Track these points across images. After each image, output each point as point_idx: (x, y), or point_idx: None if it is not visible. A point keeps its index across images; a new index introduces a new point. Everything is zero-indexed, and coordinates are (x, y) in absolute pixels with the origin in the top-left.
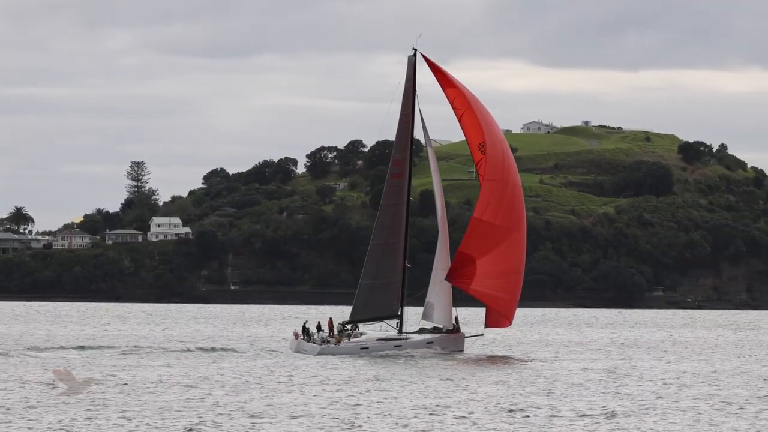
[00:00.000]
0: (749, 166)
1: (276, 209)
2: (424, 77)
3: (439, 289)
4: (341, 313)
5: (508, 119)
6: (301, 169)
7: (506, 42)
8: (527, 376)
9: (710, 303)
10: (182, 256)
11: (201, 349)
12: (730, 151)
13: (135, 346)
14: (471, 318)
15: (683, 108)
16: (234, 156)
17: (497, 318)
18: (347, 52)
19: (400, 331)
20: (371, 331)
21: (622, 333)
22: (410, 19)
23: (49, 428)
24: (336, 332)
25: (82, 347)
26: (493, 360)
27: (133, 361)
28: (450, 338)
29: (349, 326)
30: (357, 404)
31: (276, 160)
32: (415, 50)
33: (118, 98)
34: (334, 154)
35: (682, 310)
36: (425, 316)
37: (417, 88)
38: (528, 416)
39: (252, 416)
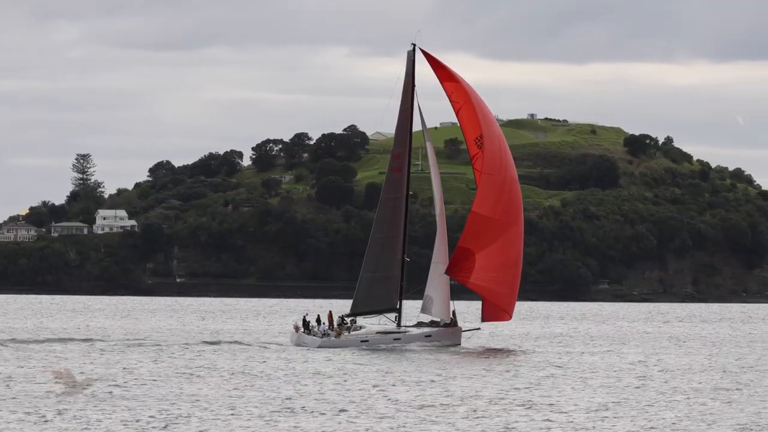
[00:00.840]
0: (695, 158)
1: (221, 202)
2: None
3: (437, 283)
4: (329, 306)
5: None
6: (246, 161)
7: (454, 35)
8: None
9: (656, 296)
10: (128, 248)
11: (205, 342)
12: (676, 144)
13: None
14: (469, 312)
15: (630, 101)
16: (180, 149)
17: (496, 312)
18: (294, 45)
19: (399, 325)
20: (370, 324)
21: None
22: (357, 11)
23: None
24: (335, 325)
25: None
26: (489, 353)
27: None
28: (447, 332)
29: (348, 319)
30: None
31: (222, 152)
32: (414, 45)
33: (64, 91)
34: (280, 146)
35: (629, 303)
36: (424, 310)
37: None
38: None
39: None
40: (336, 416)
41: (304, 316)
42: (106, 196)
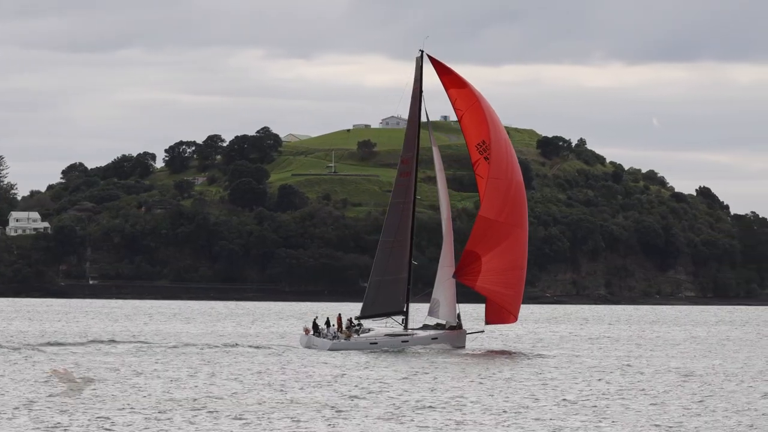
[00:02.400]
0: (608, 160)
1: (135, 204)
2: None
3: (444, 286)
4: (338, 309)
5: (368, 114)
6: (159, 163)
7: (369, 37)
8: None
9: (569, 298)
10: (41, 250)
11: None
12: (589, 146)
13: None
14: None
15: (543, 103)
16: (93, 151)
17: (501, 314)
18: (209, 47)
19: (406, 327)
20: (378, 326)
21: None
22: (273, 13)
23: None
24: (344, 328)
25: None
26: (495, 354)
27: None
28: (453, 334)
29: (356, 322)
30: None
31: (135, 154)
32: (422, 51)
33: None
34: (193, 148)
35: (541, 305)
36: (431, 313)
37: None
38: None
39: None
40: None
41: (314, 319)
42: (19, 198)
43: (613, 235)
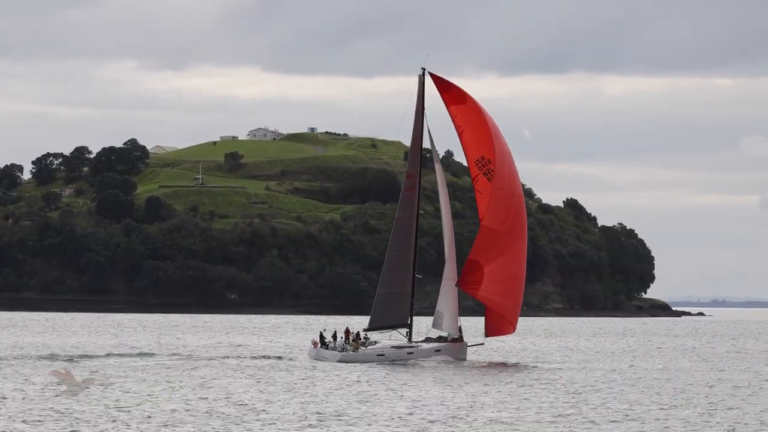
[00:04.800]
0: None
1: (1, 215)
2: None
3: (448, 299)
4: (347, 323)
5: (237, 126)
6: (27, 175)
7: (240, 49)
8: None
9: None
10: None
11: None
12: (457, 157)
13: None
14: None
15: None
16: None
17: (500, 325)
18: (80, 59)
19: (410, 340)
20: (383, 339)
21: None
22: (145, 25)
23: None
24: (351, 340)
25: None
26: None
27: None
28: (455, 347)
29: (363, 334)
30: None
31: (2, 166)
32: (424, 69)
33: None
34: (60, 160)
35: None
36: (435, 325)
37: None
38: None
39: None
40: None
41: (321, 332)
42: None
43: None
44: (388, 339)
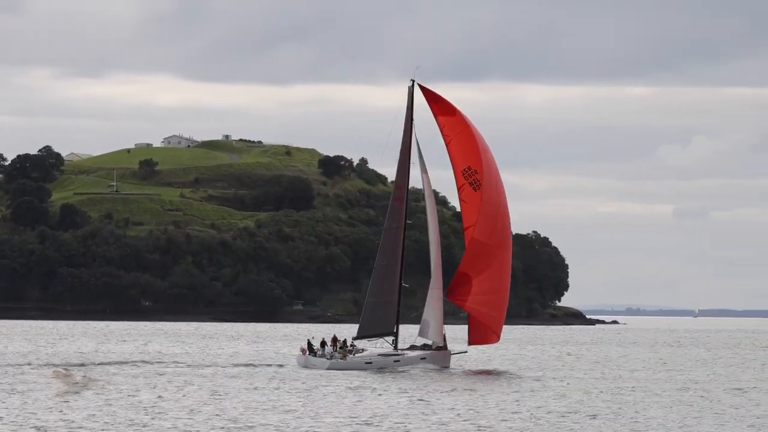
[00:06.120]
0: (389, 180)
1: None
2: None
3: (433, 308)
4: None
5: (152, 133)
6: None
7: (158, 56)
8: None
9: (350, 317)
10: None
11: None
12: (371, 165)
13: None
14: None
15: (328, 122)
16: None
17: (485, 334)
18: None
19: (396, 348)
20: (370, 347)
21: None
22: (62, 33)
23: None
24: (339, 347)
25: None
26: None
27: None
28: (439, 354)
29: (350, 342)
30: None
31: None
32: (413, 81)
33: None
34: None
35: (323, 324)
36: (422, 333)
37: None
38: None
39: None
40: None
41: (309, 340)
42: None
43: None
44: (374, 347)
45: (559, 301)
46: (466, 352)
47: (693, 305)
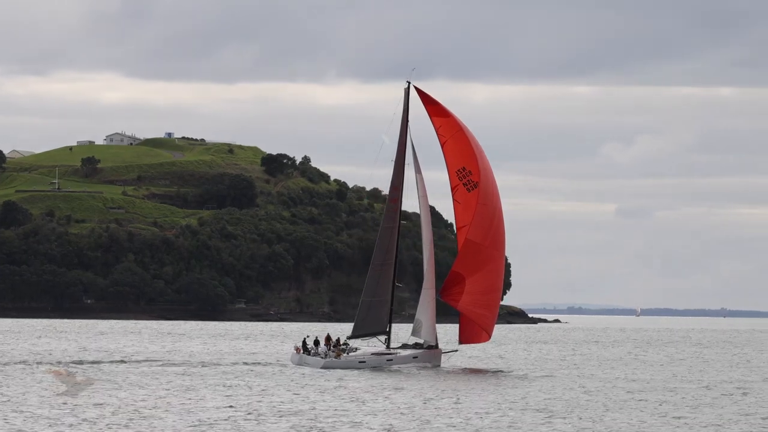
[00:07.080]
0: (332, 178)
1: None
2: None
3: (426, 307)
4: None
5: (96, 131)
6: None
7: (102, 54)
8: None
9: (293, 315)
10: None
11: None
12: (314, 163)
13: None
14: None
15: (271, 120)
16: None
17: (476, 333)
18: None
19: (388, 347)
20: (363, 346)
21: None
22: (4, 29)
23: None
24: (332, 346)
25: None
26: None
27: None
28: (430, 353)
29: (344, 341)
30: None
31: None
32: (409, 83)
33: None
34: None
35: (266, 323)
36: (414, 332)
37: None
38: None
39: None
40: None
41: (304, 339)
42: None
43: (338, 253)
44: (367, 346)
45: (501, 299)
46: (456, 350)
47: (635, 305)
